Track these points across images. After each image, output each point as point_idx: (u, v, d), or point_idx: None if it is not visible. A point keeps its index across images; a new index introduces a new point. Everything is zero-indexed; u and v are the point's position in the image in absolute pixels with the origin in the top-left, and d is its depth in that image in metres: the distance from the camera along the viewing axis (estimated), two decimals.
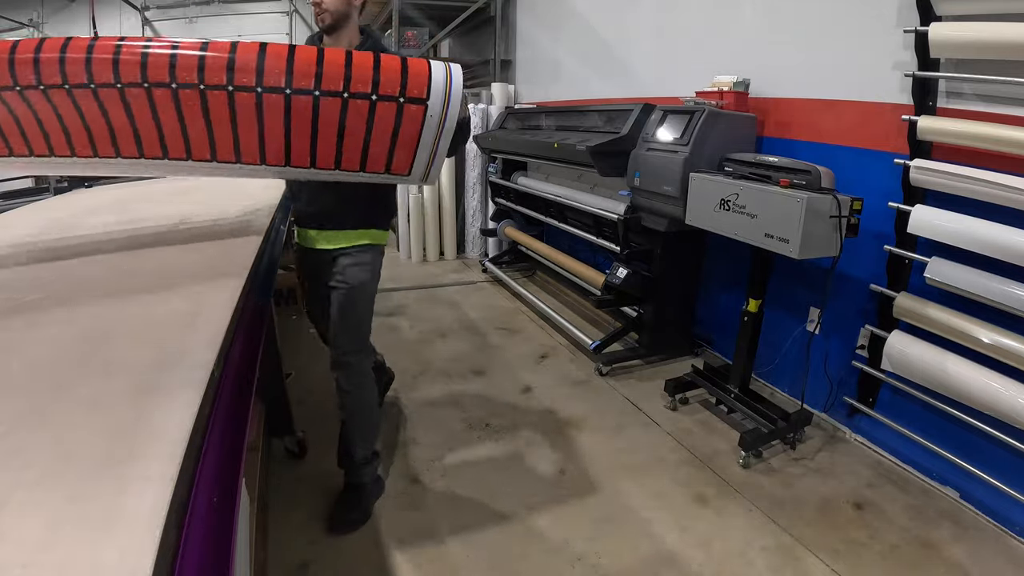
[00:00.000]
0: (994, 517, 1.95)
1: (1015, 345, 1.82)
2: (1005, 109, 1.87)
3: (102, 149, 1.32)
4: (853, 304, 2.41)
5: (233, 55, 1.24)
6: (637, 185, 2.84)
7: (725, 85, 2.72)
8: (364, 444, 1.94)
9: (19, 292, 1.14)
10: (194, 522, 0.60)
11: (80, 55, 1.20)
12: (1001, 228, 1.83)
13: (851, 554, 1.80)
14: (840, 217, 2.01)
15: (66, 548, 0.51)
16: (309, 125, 1.34)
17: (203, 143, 1.33)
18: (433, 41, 5.48)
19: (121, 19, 11.11)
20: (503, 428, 2.49)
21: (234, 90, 1.26)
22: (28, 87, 1.21)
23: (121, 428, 0.69)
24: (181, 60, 1.22)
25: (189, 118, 1.28)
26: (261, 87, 1.27)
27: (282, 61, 1.27)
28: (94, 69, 1.20)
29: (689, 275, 3.12)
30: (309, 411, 2.59)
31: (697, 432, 2.49)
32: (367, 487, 1.96)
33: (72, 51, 1.20)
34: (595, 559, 1.77)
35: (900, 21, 2.11)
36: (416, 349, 3.31)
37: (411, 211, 5.06)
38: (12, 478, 0.60)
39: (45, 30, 10.81)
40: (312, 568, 1.73)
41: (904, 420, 2.25)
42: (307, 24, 11.88)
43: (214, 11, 11.52)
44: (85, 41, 1.21)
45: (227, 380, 0.86)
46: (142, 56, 1.21)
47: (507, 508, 1.99)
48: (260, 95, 1.27)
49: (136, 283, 1.23)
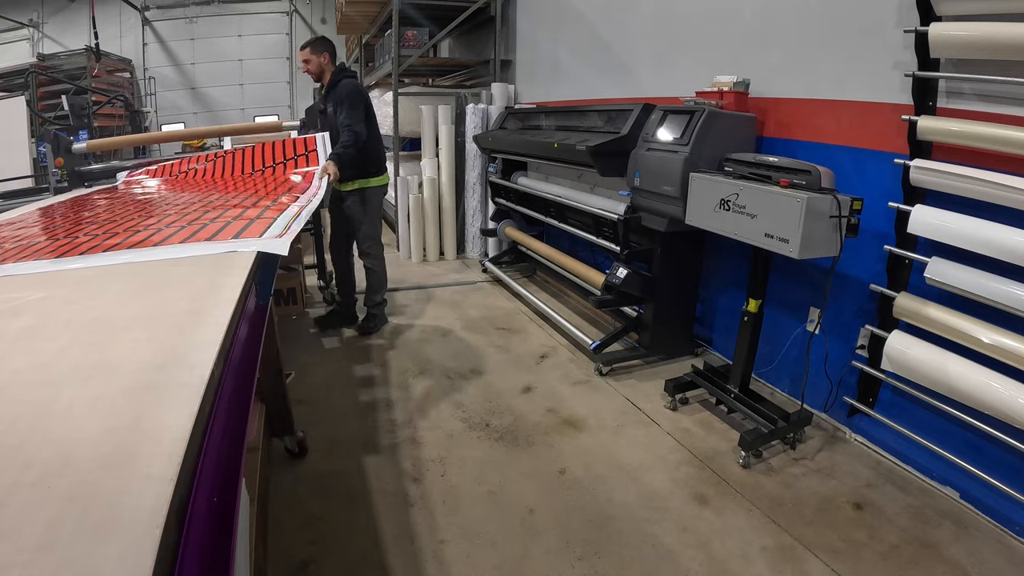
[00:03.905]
0: (994, 517, 1.95)
1: (1015, 345, 1.82)
2: (1005, 109, 1.87)
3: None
4: (853, 304, 2.41)
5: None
6: (637, 185, 2.84)
7: (725, 85, 2.72)
8: (376, 295, 3.54)
9: (20, 292, 1.14)
10: (194, 522, 0.60)
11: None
12: (1001, 228, 1.83)
13: (851, 554, 1.80)
14: (840, 217, 2.01)
15: (66, 548, 0.51)
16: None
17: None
18: (433, 41, 5.48)
19: (121, 19, 11.11)
20: (503, 428, 2.49)
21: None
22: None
23: (121, 428, 0.68)
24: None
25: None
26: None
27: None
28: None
29: (689, 275, 3.12)
30: (309, 411, 2.60)
31: (697, 432, 2.49)
32: (377, 316, 3.57)
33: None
34: (595, 559, 1.77)
35: (900, 21, 2.11)
36: (416, 349, 3.31)
37: (411, 211, 5.06)
38: (12, 478, 0.60)
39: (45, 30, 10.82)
40: (312, 568, 1.73)
41: (904, 420, 2.25)
42: (307, 24, 11.89)
43: (214, 11, 11.52)
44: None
45: (227, 380, 0.86)
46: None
47: (507, 508, 2.00)
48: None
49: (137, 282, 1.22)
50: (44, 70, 9.35)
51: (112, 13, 10.77)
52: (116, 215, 1.89)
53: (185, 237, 1.48)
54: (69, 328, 0.97)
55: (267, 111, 10.66)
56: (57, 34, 10.78)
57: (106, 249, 1.39)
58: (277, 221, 1.64)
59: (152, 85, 11.43)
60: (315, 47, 3.15)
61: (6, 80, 9.21)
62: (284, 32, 11.85)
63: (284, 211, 1.80)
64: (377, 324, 3.57)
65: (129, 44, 11.23)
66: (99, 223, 1.74)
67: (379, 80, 6.87)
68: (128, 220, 1.77)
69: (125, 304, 1.09)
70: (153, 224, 1.68)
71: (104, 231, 1.60)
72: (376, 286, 3.52)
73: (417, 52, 5.24)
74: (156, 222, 1.72)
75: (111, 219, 1.80)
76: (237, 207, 1.89)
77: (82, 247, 1.42)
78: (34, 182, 4.96)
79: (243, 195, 2.19)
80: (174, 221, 1.70)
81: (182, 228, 1.59)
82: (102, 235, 1.54)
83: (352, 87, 3.11)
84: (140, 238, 1.49)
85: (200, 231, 1.53)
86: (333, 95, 3.13)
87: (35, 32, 10.81)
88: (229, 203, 1.98)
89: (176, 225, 1.64)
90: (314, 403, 2.69)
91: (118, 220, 1.77)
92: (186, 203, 2.05)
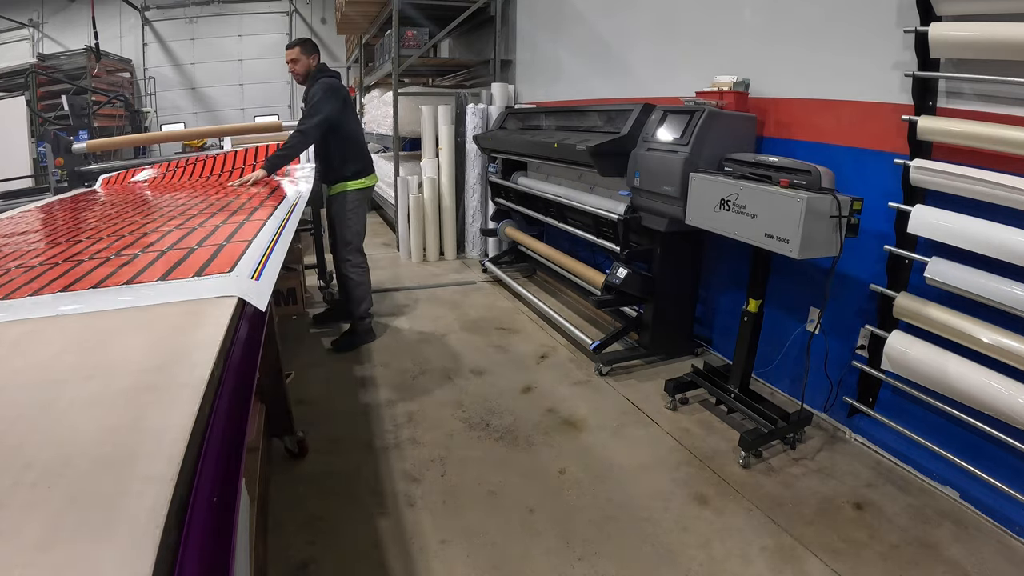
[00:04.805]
0: (994, 517, 1.95)
1: (1015, 345, 1.82)
2: (1005, 109, 1.87)
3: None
4: (853, 304, 2.41)
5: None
6: (637, 185, 2.84)
7: (725, 85, 2.72)
8: (356, 309, 3.30)
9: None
10: (194, 522, 0.60)
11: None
12: (1001, 228, 1.83)
13: (851, 554, 1.80)
14: (840, 217, 2.01)
15: (66, 548, 0.51)
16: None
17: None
18: (433, 41, 5.48)
19: (121, 19, 11.11)
20: (503, 428, 2.49)
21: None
22: None
23: (121, 428, 0.68)
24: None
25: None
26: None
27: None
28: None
29: (689, 275, 3.12)
30: (309, 411, 2.60)
31: (697, 432, 2.49)
32: (359, 332, 3.33)
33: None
34: (595, 559, 1.77)
35: (900, 21, 2.11)
36: (416, 349, 3.31)
37: (411, 211, 5.06)
38: (12, 479, 0.60)
39: (45, 30, 10.82)
40: (312, 568, 1.73)
41: (904, 420, 2.25)
42: (307, 24, 11.89)
43: (214, 11, 11.52)
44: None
45: (227, 380, 0.86)
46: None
47: (507, 508, 2.00)
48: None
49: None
50: (44, 70, 9.35)
51: (112, 13, 10.76)
52: (83, 232, 1.72)
53: (162, 273, 1.24)
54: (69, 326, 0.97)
55: (267, 111, 10.66)
56: (57, 34, 10.78)
57: (66, 287, 1.17)
58: (250, 249, 1.41)
59: (152, 85, 11.44)
60: (305, 48, 3.08)
61: (6, 80, 9.21)
62: (284, 32, 11.84)
63: (261, 229, 1.64)
64: (357, 341, 3.30)
65: (129, 44, 11.23)
66: (67, 244, 1.56)
67: (379, 80, 6.87)
68: (96, 239, 1.60)
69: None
70: (127, 247, 1.49)
71: (69, 258, 1.42)
72: (356, 298, 3.28)
73: (417, 52, 5.24)
74: (132, 242, 1.54)
75: (77, 237, 1.65)
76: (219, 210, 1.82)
77: (40, 284, 1.21)
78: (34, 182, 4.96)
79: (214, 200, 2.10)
80: (150, 245, 1.51)
81: (161, 254, 1.39)
82: (64, 265, 1.34)
83: (325, 85, 3.00)
84: (108, 271, 1.27)
85: (179, 266, 1.29)
86: (309, 92, 3.07)
87: (35, 32, 10.81)
88: (209, 207, 1.89)
89: (154, 250, 1.44)
90: (314, 403, 2.69)
91: (84, 241, 1.59)
92: (167, 208, 1.97)
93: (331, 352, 3.25)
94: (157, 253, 1.41)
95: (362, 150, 3.26)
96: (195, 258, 1.33)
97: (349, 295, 3.30)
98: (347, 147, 3.14)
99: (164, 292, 1.12)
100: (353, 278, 3.26)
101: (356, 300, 3.29)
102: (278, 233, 1.63)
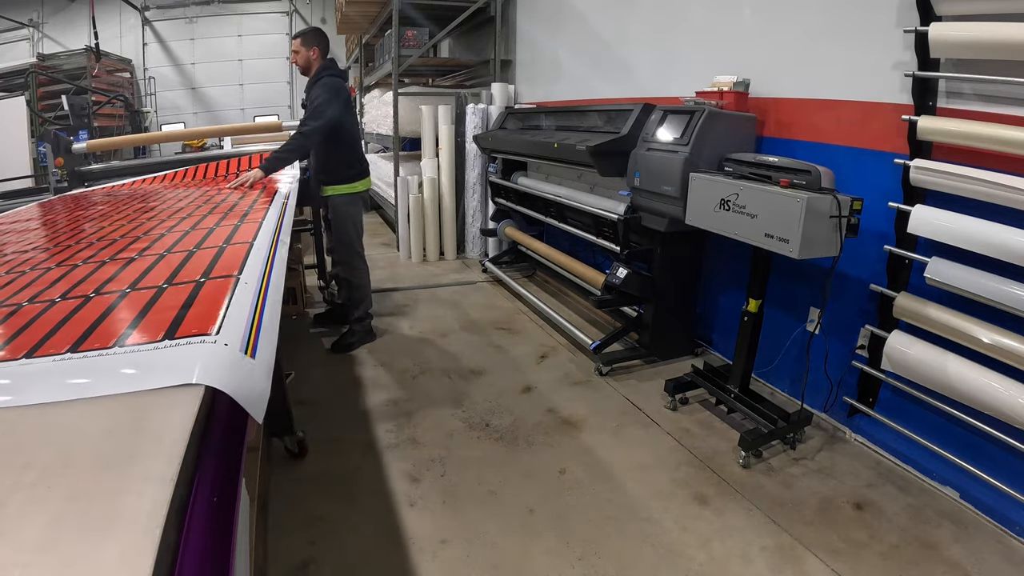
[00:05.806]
0: (994, 517, 1.95)
1: (1015, 345, 1.82)
2: (1005, 109, 1.87)
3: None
4: (853, 304, 2.41)
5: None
6: (637, 185, 2.84)
7: (725, 85, 2.72)
8: (355, 311, 3.31)
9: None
10: (194, 522, 0.60)
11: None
12: (1001, 228, 1.83)
13: (851, 554, 1.80)
14: (840, 217, 2.01)
15: (66, 548, 0.51)
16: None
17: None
18: (433, 41, 5.48)
19: (121, 19, 11.11)
20: (503, 428, 2.49)
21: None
22: None
23: (121, 428, 0.68)
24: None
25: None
26: None
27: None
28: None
29: (689, 275, 3.12)
30: (309, 411, 2.60)
31: (697, 432, 2.49)
32: (357, 332, 3.32)
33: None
34: (595, 559, 1.77)
35: (900, 21, 2.11)
36: (416, 349, 3.31)
37: (411, 211, 5.06)
38: (12, 478, 0.60)
39: (45, 30, 10.82)
40: (312, 568, 1.73)
41: (904, 420, 2.25)
42: (307, 24, 11.87)
43: (214, 11, 11.51)
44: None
45: None
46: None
47: (507, 508, 2.00)
48: None
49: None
50: (44, 70, 9.34)
51: (112, 13, 10.76)
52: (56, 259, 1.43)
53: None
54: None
55: (267, 111, 10.66)
56: (57, 34, 10.77)
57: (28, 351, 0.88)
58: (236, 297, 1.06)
59: (152, 85, 11.43)
60: (306, 39, 3.02)
61: (6, 80, 9.21)
62: (284, 32, 11.84)
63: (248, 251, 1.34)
64: (356, 341, 3.31)
65: (129, 44, 11.22)
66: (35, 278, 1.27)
67: (379, 80, 6.87)
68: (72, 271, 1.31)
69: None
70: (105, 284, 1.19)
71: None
72: (354, 299, 3.30)
73: (417, 52, 5.24)
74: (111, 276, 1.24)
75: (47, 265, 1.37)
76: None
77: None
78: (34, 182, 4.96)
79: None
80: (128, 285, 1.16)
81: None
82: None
83: (329, 86, 2.94)
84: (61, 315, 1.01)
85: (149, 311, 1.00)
86: (312, 92, 3.00)
87: (35, 32, 10.80)
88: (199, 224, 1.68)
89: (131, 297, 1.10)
90: (314, 403, 2.69)
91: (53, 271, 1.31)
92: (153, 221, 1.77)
93: (331, 352, 3.26)
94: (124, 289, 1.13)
95: (359, 153, 3.28)
96: (167, 300, 1.05)
97: (349, 296, 3.33)
98: (345, 150, 3.14)
99: (120, 380, 0.78)
100: (353, 280, 3.28)
101: (356, 301, 3.31)
102: (265, 283, 1.16)
